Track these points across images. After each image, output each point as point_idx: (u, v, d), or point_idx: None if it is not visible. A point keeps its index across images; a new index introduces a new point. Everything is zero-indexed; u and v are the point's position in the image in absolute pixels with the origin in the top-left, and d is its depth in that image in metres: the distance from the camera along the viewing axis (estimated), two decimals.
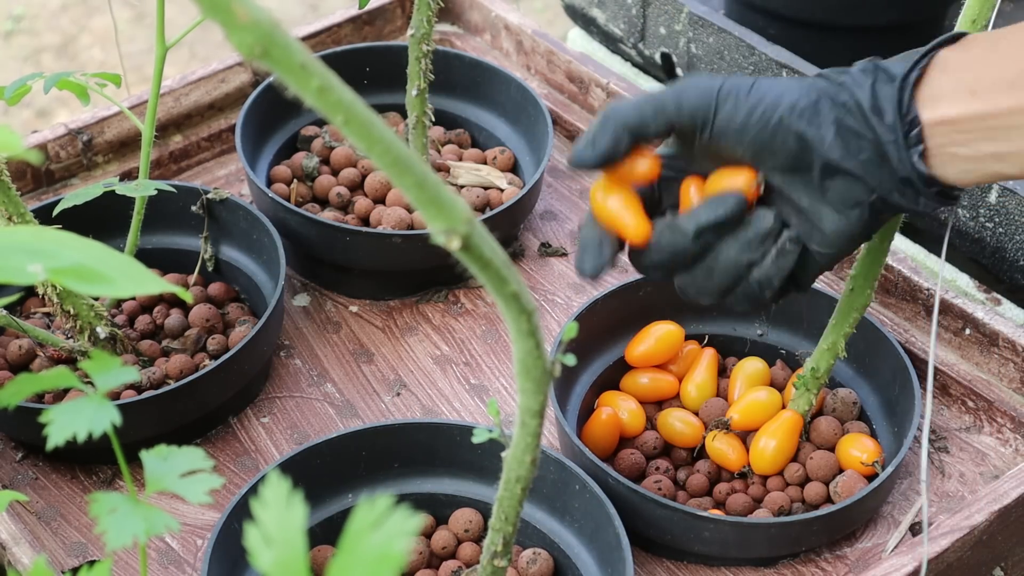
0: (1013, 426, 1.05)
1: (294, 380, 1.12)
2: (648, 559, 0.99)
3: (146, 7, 2.81)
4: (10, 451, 1.06)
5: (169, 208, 1.14)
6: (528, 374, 0.64)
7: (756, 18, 1.43)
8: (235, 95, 1.32)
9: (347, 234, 1.13)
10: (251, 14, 0.45)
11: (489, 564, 0.77)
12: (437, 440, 0.97)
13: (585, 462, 0.96)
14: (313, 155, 1.25)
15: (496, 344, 1.15)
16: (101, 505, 0.60)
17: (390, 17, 1.42)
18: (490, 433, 0.75)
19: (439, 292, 1.19)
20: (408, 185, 0.52)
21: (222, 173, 1.30)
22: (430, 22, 1.12)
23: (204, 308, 1.11)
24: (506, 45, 1.40)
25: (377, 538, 0.47)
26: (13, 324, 1.02)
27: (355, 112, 0.49)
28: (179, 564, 0.98)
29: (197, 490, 0.62)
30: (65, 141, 1.24)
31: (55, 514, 1.01)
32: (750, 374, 1.05)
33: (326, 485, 0.96)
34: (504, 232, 1.20)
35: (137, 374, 0.69)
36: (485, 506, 0.97)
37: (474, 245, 0.55)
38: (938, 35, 0.77)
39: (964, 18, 0.85)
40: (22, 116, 2.63)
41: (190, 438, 1.06)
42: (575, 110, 1.35)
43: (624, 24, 1.42)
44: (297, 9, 2.89)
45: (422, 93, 1.15)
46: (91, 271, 0.56)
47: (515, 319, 0.61)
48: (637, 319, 1.08)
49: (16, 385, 0.63)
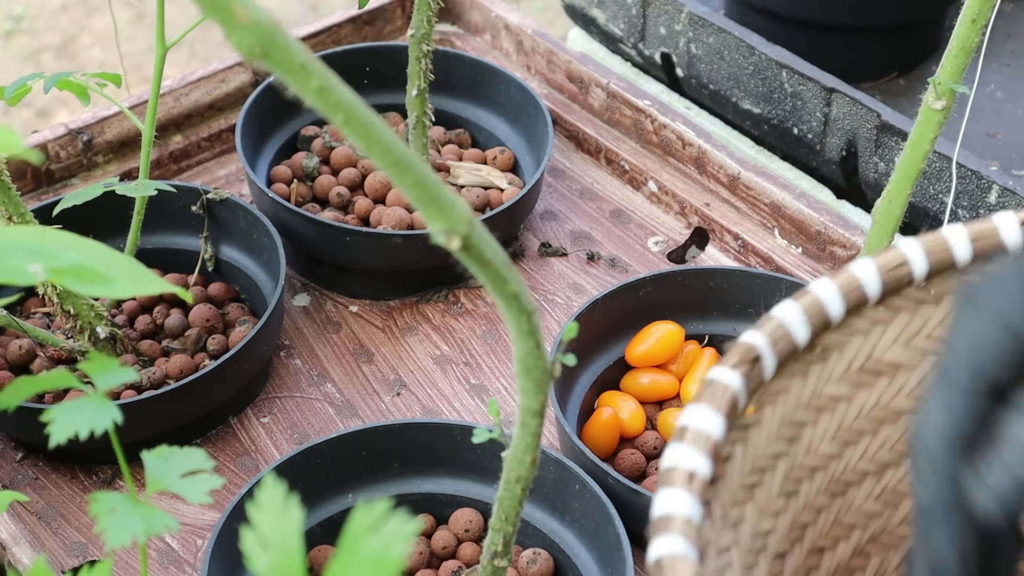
0: None
1: (294, 380, 1.12)
2: None
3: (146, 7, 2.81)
4: (10, 451, 1.06)
5: (169, 208, 1.14)
6: (528, 374, 0.64)
7: (756, 18, 1.43)
8: (235, 95, 1.32)
9: (347, 234, 1.13)
10: (251, 14, 0.45)
11: (489, 564, 0.77)
12: (437, 440, 0.97)
13: (585, 462, 0.96)
14: (313, 155, 1.25)
15: (496, 344, 1.15)
16: (101, 505, 0.60)
17: (390, 17, 1.42)
18: (490, 433, 0.75)
19: (439, 292, 1.19)
20: (408, 185, 0.52)
21: (222, 173, 1.30)
22: (430, 22, 1.12)
23: (204, 308, 1.11)
24: (506, 45, 1.40)
25: (375, 541, 0.47)
26: (13, 324, 1.02)
27: (355, 112, 0.49)
28: (179, 564, 0.98)
29: (197, 490, 0.62)
30: (65, 141, 1.24)
31: (55, 514, 1.01)
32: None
33: (326, 485, 0.96)
34: (504, 232, 1.20)
35: (137, 374, 0.69)
36: (485, 506, 0.97)
37: (474, 245, 0.55)
38: (938, 35, 0.76)
39: (964, 18, 0.85)
40: (22, 116, 2.63)
41: (190, 438, 1.06)
42: (575, 110, 1.35)
43: (624, 24, 1.42)
44: (297, 9, 2.89)
45: (422, 93, 1.15)
46: (91, 271, 0.56)
47: (515, 319, 0.61)
48: (637, 319, 1.08)
49: (16, 387, 0.63)
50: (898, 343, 0.63)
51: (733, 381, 0.57)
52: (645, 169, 1.27)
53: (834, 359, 0.62)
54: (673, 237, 1.24)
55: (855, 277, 0.61)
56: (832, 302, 0.61)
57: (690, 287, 1.09)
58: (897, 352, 0.63)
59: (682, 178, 1.26)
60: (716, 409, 0.56)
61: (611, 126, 1.32)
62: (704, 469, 0.54)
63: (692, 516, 0.52)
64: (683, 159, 1.26)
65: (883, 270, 0.61)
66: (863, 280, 0.61)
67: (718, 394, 0.56)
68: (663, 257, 1.22)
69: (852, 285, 0.61)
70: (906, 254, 0.62)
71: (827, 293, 0.60)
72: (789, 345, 0.59)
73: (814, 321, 0.60)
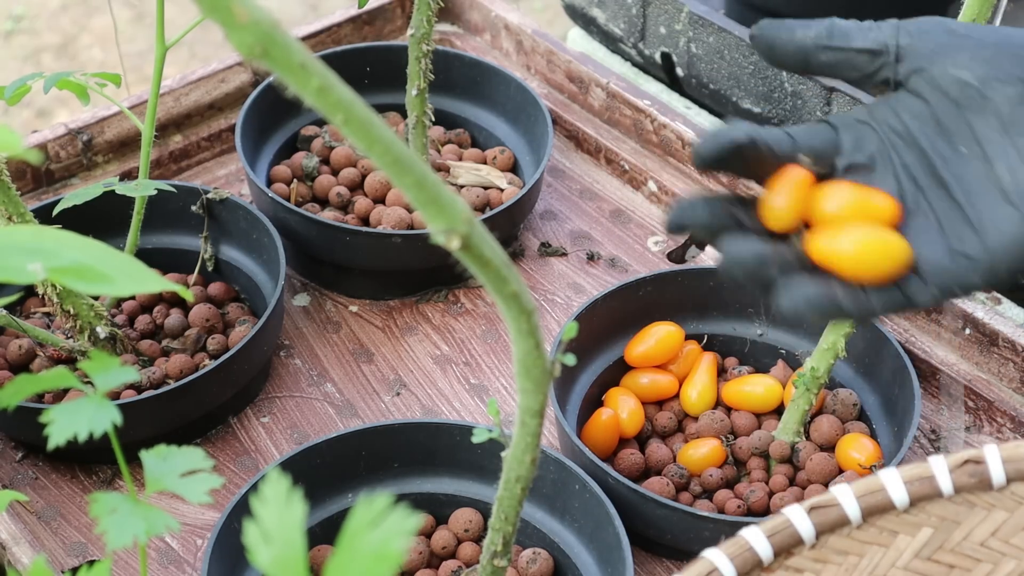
0: (1013, 426, 1.05)
1: (294, 380, 1.12)
2: (648, 559, 0.99)
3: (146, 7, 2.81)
4: (10, 451, 1.06)
5: (169, 208, 1.14)
6: (528, 374, 0.64)
7: (756, 18, 1.42)
8: (235, 95, 1.32)
9: (347, 234, 1.13)
10: (251, 14, 0.45)
11: (489, 564, 0.77)
12: (437, 440, 0.97)
13: (585, 462, 0.96)
14: (313, 155, 1.25)
15: (496, 344, 1.15)
16: (101, 505, 0.60)
17: (390, 17, 1.42)
18: (490, 433, 0.75)
19: (439, 292, 1.19)
20: (408, 185, 0.52)
21: (222, 173, 1.30)
22: (430, 22, 1.12)
23: (204, 308, 1.11)
24: (506, 45, 1.40)
25: (375, 537, 0.47)
26: (13, 324, 1.02)
27: (355, 112, 0.49)
28: (179, 564, 0.98)
29: (197, 490, 0.62)
30: (65, 141, 1.24)
31: (55, 514, 1.01)
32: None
33: (326, 485, 0.96)
34: (504, 232, 1.20)
35: (137, 374, 0.69)
36: (485, 506, 0.97)
37: (474, 245, 0.55)
38: None
39: (964, 18, 0.85)
40: (22, 116, 2.63)
41: (190, 438, 1.06)
42: (575, 110, 1.35)
43: (624, 24, 1.42)
44: (297, 9, 2.89)
45: (422, 93, 1.15)
46: (91, 270, 0.56)
47: (515, 319, 0.61)
48: (637, 319, 1.08)
49: (16, 385, 0.63)
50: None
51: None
52: (645, 169, 1.27)
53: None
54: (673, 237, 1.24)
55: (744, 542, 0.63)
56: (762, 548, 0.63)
57: (690, 287, 1.09)
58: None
59: (682, 178, 1.27)
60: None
61: (611, 126, 1.32)
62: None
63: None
64: (683, 159, 1.26)
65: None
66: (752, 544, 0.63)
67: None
68: (663, 257, 1.22)
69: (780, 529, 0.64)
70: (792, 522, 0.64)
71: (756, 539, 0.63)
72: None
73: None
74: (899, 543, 0.66)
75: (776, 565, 0.65)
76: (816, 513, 0.65)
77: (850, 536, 0.65)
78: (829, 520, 0.65)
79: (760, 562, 0.64)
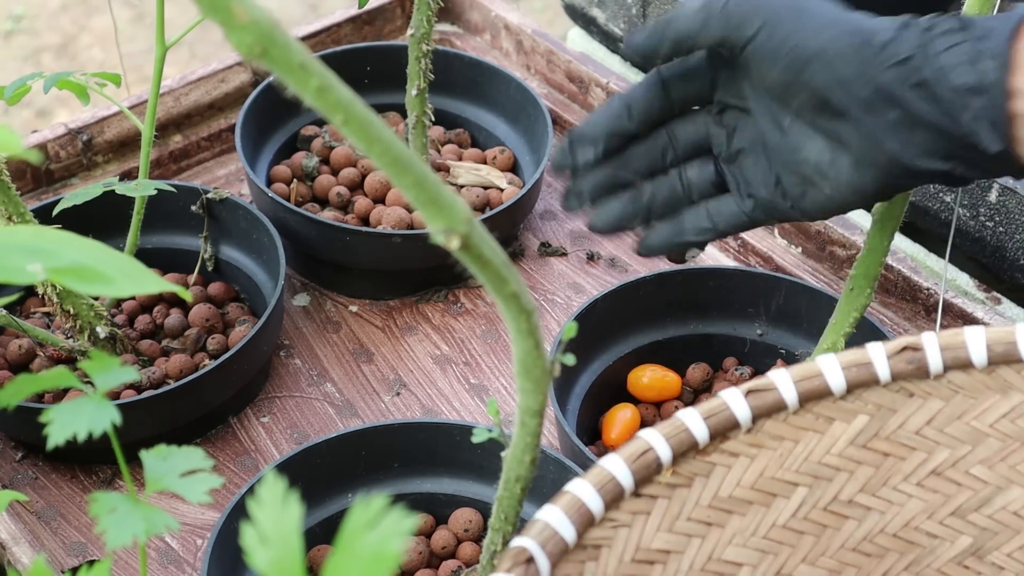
0: None
1: (294, 380, 1.12)
2: None
3: (146, 7, 2.81)
4: (10, 451, 1.06)
5: (169, 208, 1.14)
6: (528, 374, 0.64)
7: None
8: (235, 95, 1.32)
9: (347, 234, 1.13)
10: (251, 14, 0.45)
11: (489, 564, 0.77)
12: (437, 440, 0.97)
13: (585, 462, 0.96)
14: (313, 155, 1.25)
15: (496, 344, 1.15)
16: (101, 505, 0.60)
17: (390, 17, 1.42)
18: (490, 433, 0.75)
19: (439, 292, 1.19)
20: (407, 185, 0.52)
21: (222, 173, 1.30)
22: (430, 22, 1.12)
23: (204, 308, 1.11)
24: (506, 45, 1.40)
25: (373, 537, 0.47)
26: (13, 324, 1.02)
27: (354, 112, 0.49)
28: (179, 564, 0.98)
29: (197, 490, 0.62)
30: (65, 141, 1.24)
31: (55, 514, 1.01)
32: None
33: (326, 485, 0.96)
34: (504, 232, 1.20)
35: (137, 374, 0.69)
36: (485, 506, 0.97)
37: (474, 245, 0.55)
38: None
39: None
40: (22, 116, 2.63)
41: (190, 438, 1.06)
42: (575, 110, 1.35)
43: (624, 24, 1.42)
44: (297, 9, 2.89)
45: (422, 93, 1.15)
46: (91, 270, 0.56)
47: (515, 319, 0.61)
48: (637, 319, 1.08)
49: (16, 385, 0.63)
50: (662, 529, 0.64)
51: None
52: None
53: (605, 554, 0.62)
54: None
55: (606, 471, 0.62)
56: (592, 500, 0.61)
57: (690, 287, 1.09)
58: (663, 538, 0.64)
59: None
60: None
61: None
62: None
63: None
64: None
65: (628, 462, 0.63)
66: (616, 472, 0.62)
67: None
68: (663, 257, 1.22)
69: (606, 479, 0.62)
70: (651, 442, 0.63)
71: (585, 492, 0.61)
72: (559, 545, 0.60)
73: (577, 520, 0.61)
74: (835, 430, 0.65)
75: (712, 448, 0.64)
76: (753, 396, 0.64)
77: (786, 421, 0.64)
78: (766, 404, 0.64)
79: (696, 444, 0.63)
